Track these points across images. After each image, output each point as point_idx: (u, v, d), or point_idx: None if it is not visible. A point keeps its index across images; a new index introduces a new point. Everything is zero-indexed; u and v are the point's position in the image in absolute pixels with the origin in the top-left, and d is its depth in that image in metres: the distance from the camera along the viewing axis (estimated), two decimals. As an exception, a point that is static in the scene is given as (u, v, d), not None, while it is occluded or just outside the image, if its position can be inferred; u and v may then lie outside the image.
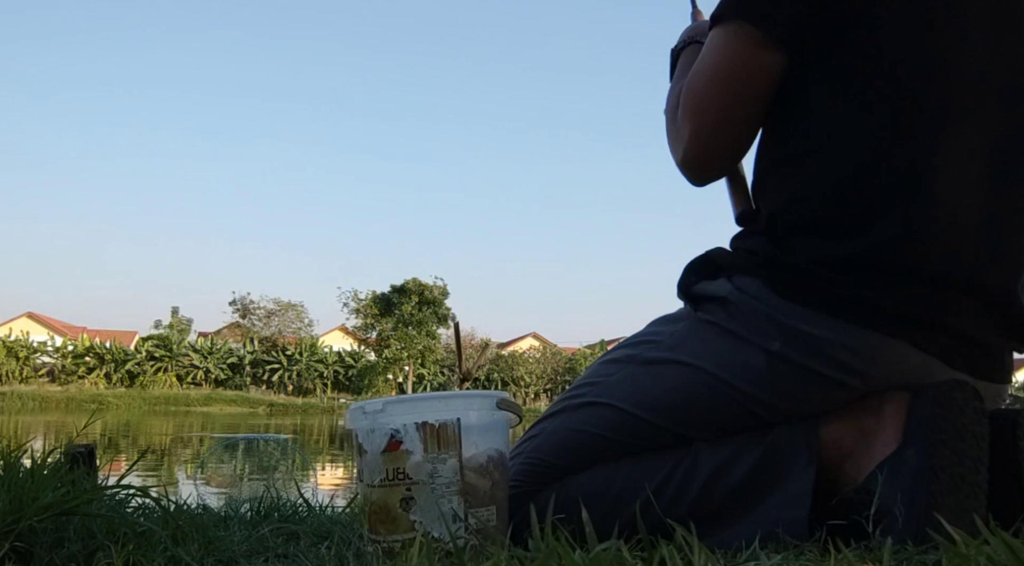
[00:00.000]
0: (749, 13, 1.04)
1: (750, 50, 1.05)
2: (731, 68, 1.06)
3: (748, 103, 1.07)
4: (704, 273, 1.13)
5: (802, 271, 1.02)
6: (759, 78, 1.06)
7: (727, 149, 1.12)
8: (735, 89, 1.06)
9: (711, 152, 1.11)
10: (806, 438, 1.03)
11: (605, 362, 1.19)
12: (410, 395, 1.04)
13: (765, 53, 1.04)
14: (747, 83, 1.06)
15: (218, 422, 26.53)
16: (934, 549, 0.82)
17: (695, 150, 1.11)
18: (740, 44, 1.05)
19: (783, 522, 0.98)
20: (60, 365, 41.92)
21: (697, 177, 1.15)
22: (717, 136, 1.09)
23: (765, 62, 1.05)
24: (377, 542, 0.96)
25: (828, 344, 1.00)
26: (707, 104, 1.08)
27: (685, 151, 1.11)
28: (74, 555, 0.92)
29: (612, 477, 1.10)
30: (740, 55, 1.05)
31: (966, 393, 0.96)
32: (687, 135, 1.10)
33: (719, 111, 1.08)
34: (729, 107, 1.07)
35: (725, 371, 1.05)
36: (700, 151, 1.11)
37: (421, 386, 42.53)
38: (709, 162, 1.13)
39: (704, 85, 1.08)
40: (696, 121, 1.09)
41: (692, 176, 1.15)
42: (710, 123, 1.09)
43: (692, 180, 1.16)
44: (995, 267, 1.01)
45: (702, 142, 1.10)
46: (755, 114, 1.09)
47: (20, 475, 1.04)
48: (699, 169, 1.14)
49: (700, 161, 1.12)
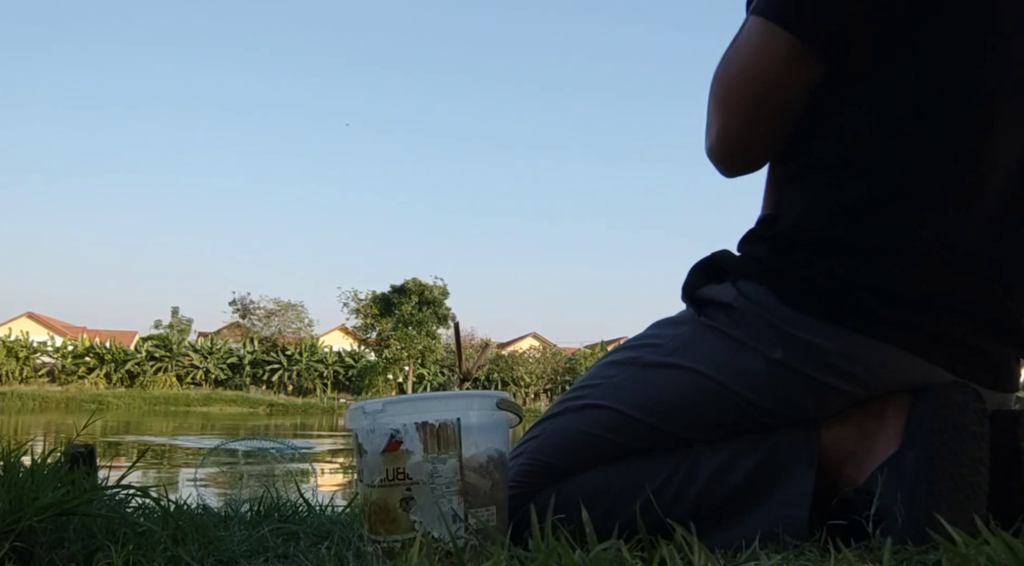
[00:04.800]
0: (791, 21, 1.01)
1: (784, 59, 1.02)
2: (763, 70, 1.03)
3: (779, 107, 1.06)
4: (709, 276, 1.13)
5: (807, 280, 1.01)
6: (792, 86, 1.04)
7: (755, 148, 1.11)
8: (766, 92, 1.04)
9: (738, 148, 1.10)
10: (807, 440, 1.03)
11: (606, 364, 1.19)
12: (410, 395, 1.04)
13: (801, 63, 1.02)
14: (779, 88, 1.04)
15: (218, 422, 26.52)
16: (934, 549, 0.82)
17: (722, 144, 1.10)
18: (776, 49, 1.02)
19: (783, 522, 0.98)
20: (60, 365, 41.92)
21: (725, 169, 1.14)
22: (745, 134, 1.08)
23: (801, 73, 1.03)
24: (377, 542, 0.96)
25: (831, 353, 0.99)
26: (735, 102, 1.06)
27: (713, 143, 1.11)
28: (74, 555, 0.92)
29: (612, 478, 1.10)
30: (775, 61, 1.03)
31: (967, 394, 0.96)
32: (716, 129, 1.09)
33: (746, 112, 1.06)
34: (757, 109, 1.06)
35: (726, 376, 1.05)
36: (727, 146, 1.10)
37: (421, 386, 42.53)
38: (736, 157, 1.12)
39: (736, 83, 1.06)
40: (725, 116, 1.08)
41: (720, 167, 1.14)
42: (738, 120, 1.07)
43: (720, 171, 1.15)
44: (1011, 295, 1.01)
45: (730, 138, 1.09)
46: (786, 117, 1.07)
47: (20, 475, 1.04)
48: (726, 162, 1.13)
49: (727, 155, 1.11)
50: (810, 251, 1.02)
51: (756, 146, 1.10)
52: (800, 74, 1.03)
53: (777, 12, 1.02)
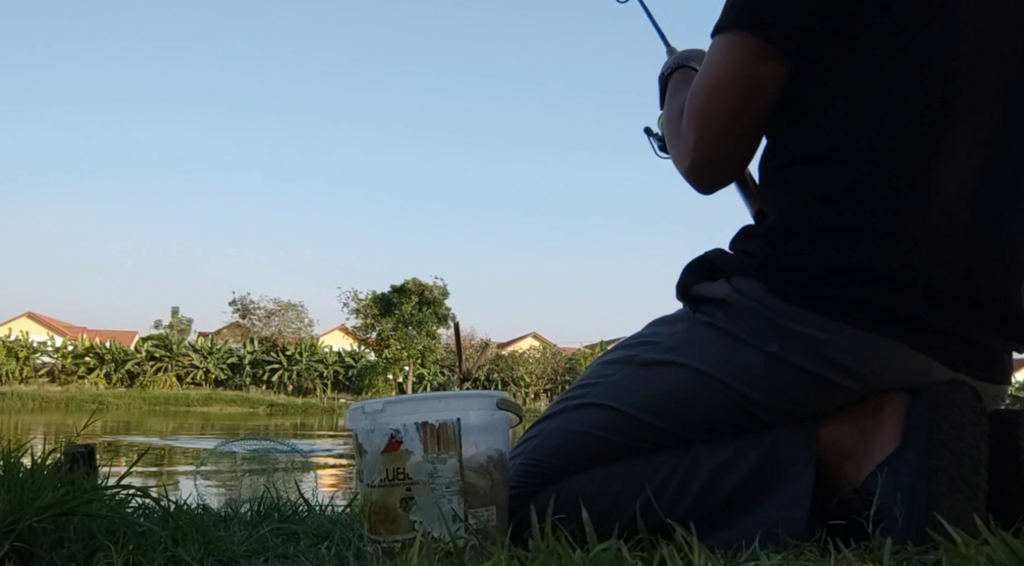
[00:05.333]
0: (751, 23, 1.04)
1: (751, 60, 1.04)
2: (732, 78, 1.06)
3: (750, 112, 1.07)
4: (703, 274, 1.14)
5: (800, 273, 1.02)
6: (761, 87, 1.05)
7: (731, 157, 1.12)
8: (737, 98, 1.06)
9: (716, 160, 1.11)
10: (806, 439, 1.03)
11: (604, 363, 1.19)
12: (410, 395, 1.04)
13: (767, 63, 1.04)
14: (749, 92, 1.06)
15: (218, 423, 26.52)
16: (934, 549, 0.82)
17: (700, 159, 1.11)
18: (741, 54, 1.05)
19: (783, 522, 0.98)
20: (60, 365, 41.91)
21: (704, 185, 1.15)
22: (721, 144, 1.09)
23: (767, 72, 1.05)
24: (377, 542, 0.96)
25: (826, 346, 1.00)
26: (710, 113, 1.08)
27: (691, 160, 1.11)
28: (74, 555, 0.92)
29: (612, 478, 1.10)
30: (741, 65, 1.05)
31: (965, 393, 0.96)
32: (691, 144, 1.10)
33: (722, 120, 1.08)
34: (732, 116, 1.07)
35: (723, 373, 1.05)
36: (705, 160, 1.11)
37: (421, 386, 42.53)
38: (714, 170, 1.13)
39: (706, 94, 1.08)
40: (699, 130, 1.09)
41: (699, 184, 1.15)
42: (713, 132, 1.08)
43: (699, 188, 1.15)
44: (995, 269, 1.02)
45: (706, 151, 1.10)
46: (758, 122, 1.08)
47: (20, 475, 1.04)
48: (705, 177, 1.14)
49: (705, 169, 1.12)
50: (799, 241, 1.03)
51: (731, 155, 1.11)
52: (769, 74, 1.05)
53: (734, 19, 1.05)
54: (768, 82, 1.05)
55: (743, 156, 1.13)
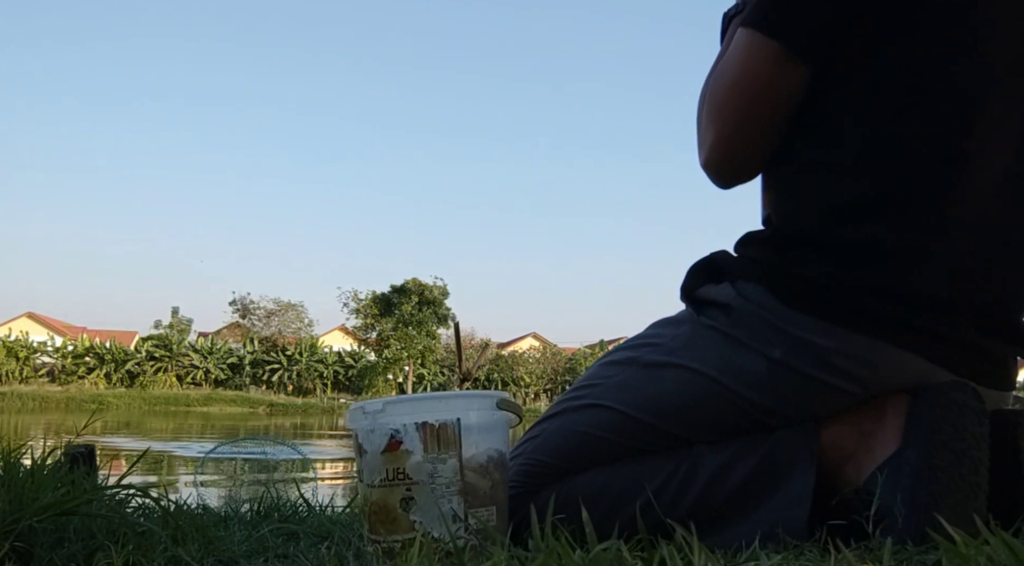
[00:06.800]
0: (774, 27, 1.03)
1: (772, 64, 1.03)
2: (752, 79, 1.05)
3: (770, 114, 1.06)
4: (707, 276, 1.13)
5: (807, 282, 1.02)
6: (777, 92, 1.05)
7: (750, 156, 1.11)
8: (756, 100, 1.06)
9: (733, 158, 1.11)
10: (807, 440, 1.03)
11: (606, 364, 1.19)
12: (410, 395, 1.04)
13: (788, 68, 1.03)
14: (768, 95, 1.05)
15: (218, 423, 26.52)
16: (934, 549, 0.82)
17: (717, 156, 1.10)
18: (762, 57, 1.04)
19: (783, 522, 0.98)
20: (60, 365, 41.92)
21: (721, 181, 1.14)
22: (739, 143, 1.09)
23: (787, 76, 1.04)
24: (377, 542, 0.96)
25: (830, 352, 1.00)
26: (728, 112, 1.07)
27: (708, 155, 1.11)
28: (74, 555, 0.92)
29: (612, 478, 1.10)
30: (759, 67, 1.04)
31: (966, 394, 0.96)
32: (710, 140, 1.10)
33: (740, 120, 1.07)
34: (751, 116, 1.07)
35: (726, 376, 1.05)
36: (722, 157, 1.10)
37: (421, 386, 42.53)
38: (732, 168, 1.12)
39: (726, 93, 1.07)
40: (718, 128, 1.09)
41: (715, 179, 1.14)
42: (731, 130, 1.08)
43: (716, 183, 1.15)
44: (1007, 284, 1.02)
45: (724, 149, 1.09)
46: (777, 123, 1.07)
47: (20, 475, 1.04)
48: (722, 174, 1.13)
49: (722, 166, 1.12)
50: (806, 251, 1.03)
51: (750, 154, 1.11)
52: (787, 79, 1.04)
53: (760, 20, 1.04)
54: (785, 87, 1.04)
55: (763, 156, 1.11)
